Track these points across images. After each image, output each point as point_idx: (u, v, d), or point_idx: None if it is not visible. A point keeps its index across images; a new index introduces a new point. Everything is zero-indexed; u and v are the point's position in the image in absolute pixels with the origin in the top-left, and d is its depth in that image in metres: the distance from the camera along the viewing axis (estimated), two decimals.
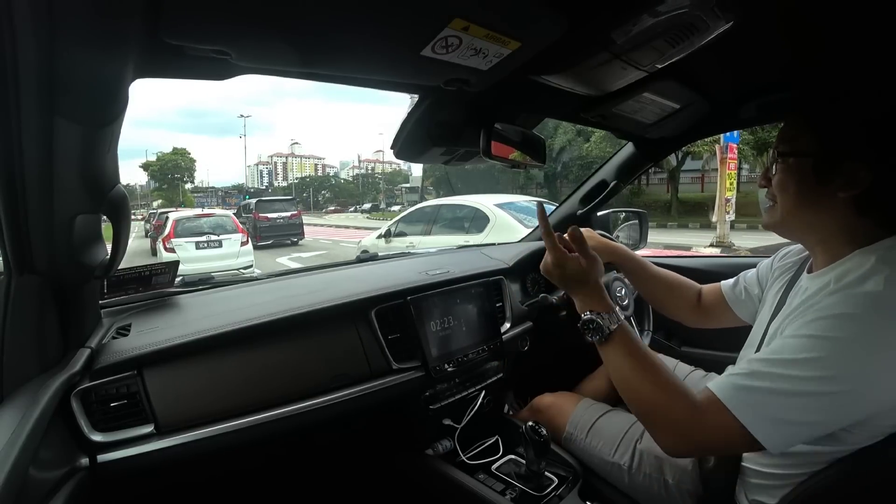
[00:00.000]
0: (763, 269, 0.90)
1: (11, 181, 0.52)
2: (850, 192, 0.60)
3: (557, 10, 0.58)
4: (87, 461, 0.65)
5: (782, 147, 0.68)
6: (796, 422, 0.54)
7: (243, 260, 7.27)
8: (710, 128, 1.26)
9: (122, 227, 0.65)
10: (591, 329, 0.71)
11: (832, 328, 0.54)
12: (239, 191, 51.05)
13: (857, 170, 0.59)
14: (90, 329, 0.76)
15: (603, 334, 0.70)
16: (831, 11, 0.67)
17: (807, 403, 0.53)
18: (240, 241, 7.43)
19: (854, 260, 0.62)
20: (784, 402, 0.54)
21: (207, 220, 7.80)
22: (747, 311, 0.93)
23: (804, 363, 0.54)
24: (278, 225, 12.46)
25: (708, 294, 1.02)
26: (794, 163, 0.65)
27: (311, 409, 0.83)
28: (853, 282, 0.58)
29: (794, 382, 0.54)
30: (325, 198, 52.95)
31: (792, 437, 0.56)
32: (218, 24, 0.51)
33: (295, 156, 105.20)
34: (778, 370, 0.55)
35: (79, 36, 0.43)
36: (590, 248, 0.77)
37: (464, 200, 4.89)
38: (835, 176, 0.61)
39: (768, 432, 0.55)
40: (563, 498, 0.95)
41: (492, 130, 0.93)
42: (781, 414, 0.54)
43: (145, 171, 45.39)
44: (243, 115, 69.46)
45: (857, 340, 0.53)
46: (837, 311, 0.55)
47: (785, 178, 0.67)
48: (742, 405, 0.56)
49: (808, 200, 0.65)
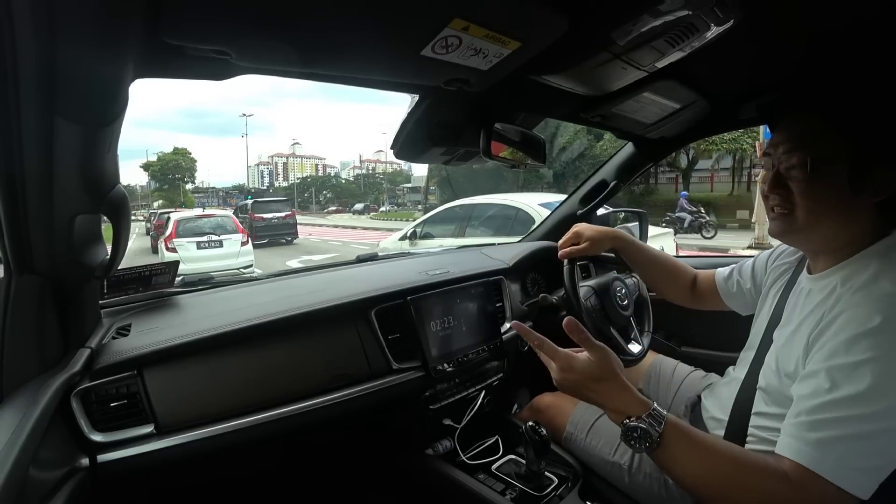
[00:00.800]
0: (759, 265, 0.90)
1: (11, 181, 0.52)
2: (881, 198, 0.59)
3: (557, 10, 0.58)
4: (87, 461, 0.65)
5: (807, 152, 0.62)
6: (882, 466, 0.52)
7: (244, 259, 7.38)
8: (710, 128, 1.27)
9: (122, 227, 0.65)
10: (637, 439, 0.58)
11: (871, 347, 0.53)
12: (240, 191, 50.90)
13: (888, 175, 0.58)
14: (90, 329, 0.76)
15: (653, 440, 0.57)
16: (831, 11, 0.67)
17: (884, 444, 0.51)
18: (240, 240, 7.55)
19: (859, 261, 0.61)
20: (863, 448, 0.51)
21: (208, 220, 7.95)
22: (738, 303, 0.95)
23: (863, 398, 0.52)
24: (273, 224, 13.10)
25: (703, 280, 1.04)
26: (826, 169, 0.61)
27: (311, 409, 0.83)
28: (866, 283, 0.58)
29: (861, 423, 0.51)
30: (327, 198, 52.76)
31: (880, 477, 0.52)
32: (218, 23, 0.51)
33: (296, 156, 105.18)
34: (842, 413, 0.52)
35: (79, 36, 0.43)
36: (592, 338, 0.64)
37: (503, 200, 4.44)
38: (868, 182, 0.59)
39: (861, 482, 0.51)
40: (563, 498, 0.95)
41: (492, 130, 0.94)
42: (863, 462, 0.51)
43: (146, 171, 45.31)
44: (245, 114, 68.66)
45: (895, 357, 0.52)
46: (870, 325, 0.53)
47: (814, 186, 0.62)
48: (832, 467, 0.51)
49: (839, 208, 0.62)
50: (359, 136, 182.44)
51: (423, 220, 5.09)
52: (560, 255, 1.10)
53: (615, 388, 0.62)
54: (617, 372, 0.62)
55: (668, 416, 0.59)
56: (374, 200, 45.57)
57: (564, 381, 0.64)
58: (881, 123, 0.60)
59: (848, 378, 0.53)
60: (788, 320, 0.70)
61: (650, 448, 0.58)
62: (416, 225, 4.98)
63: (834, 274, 0.64)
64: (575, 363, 0.63)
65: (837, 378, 0.54)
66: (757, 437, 0.69)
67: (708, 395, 0.93)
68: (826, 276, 0.65)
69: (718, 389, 0.89)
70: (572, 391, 0.65)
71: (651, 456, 0.60)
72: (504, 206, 4.29)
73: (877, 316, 0.54)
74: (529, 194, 4.61)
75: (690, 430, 0.60)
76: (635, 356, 1.06)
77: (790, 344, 0.65)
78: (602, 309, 1.09)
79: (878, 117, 0.61)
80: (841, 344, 0.55)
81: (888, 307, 0.54)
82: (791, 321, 0.69)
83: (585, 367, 0.63)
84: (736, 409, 0.75)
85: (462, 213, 4.74)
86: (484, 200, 4.73)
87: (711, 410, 0.86)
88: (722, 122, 1.23)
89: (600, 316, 1.08)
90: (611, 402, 0.62)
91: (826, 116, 0.63)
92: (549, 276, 1.40)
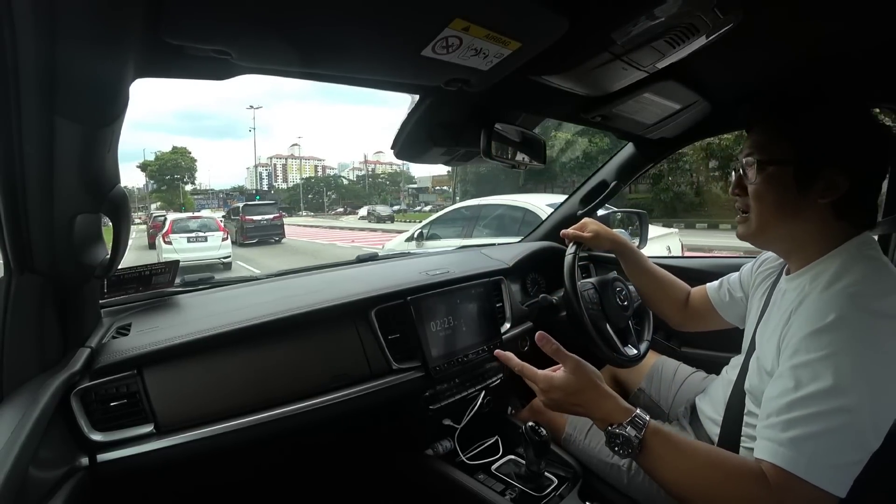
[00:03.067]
0: (745, 273, 0.91)
1: (12, 181, 0.52)
2: (829, 199, 0.61)
3: (557, 11, 0.58)
4: (87, 461, 0.65)
5: (759, 155, 0.66)
6: (853, 462, 0.52)
7: (223, 251, 9.22)
8: (710, 128, 1.27)
9: (123, 226, 0.65)
10: (620, 444, 0.59)
11: (828, 343, 0.54)
12: (241, 192, 50.66)
13: (836, 175, 0.60)
14: (90, 329, 0.76)
15: (633, 446, 0.58)
16: (831, 11, 0.67)
17: (852, 439, 0.52)
18: (220, 237, 9.43)
19: (827, 261, 0.63)
20: (833, 444, 0.52)
21: (196, 220, 9.96)
22: (732, 313, 0.95)
23: (826, 394, 0.52)
24: (262, 226, 14.48)
25: (696, 296, 1.04)
26: (774, 171, 0.65)
27: (311, 409, 0.83)
28: (828, 282, 0.59)
29: (828, 419, 0.52)
30: (332, 199, 52.35)
31: (854, 473, 0.52)
32: (218, 23, 0.51)
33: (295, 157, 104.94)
34: (809, 410, 0.53)
35: (79, 35, 0.43)
36: (563, 350, 0.66)
37: (510, 200, 4.31)
38: (815, 183, 0.61)
39: (836, 479, 0.51)
40: (562, 498, 0.95)
41: (492, 130, 0.94)
42: (835, 459, 0.52)
43: (143, 171, 43.12)
44: (252, 107, 65.24)
45: (858, 353, 0.53)
46: (824, 322, 0.55)
47: (763, 187, 0.66)
48: (806, 465, 0.52)
49: (787, 209, 0.65)
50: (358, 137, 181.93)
51: (429, 221, 4.98)
52: (562, 234, 1.11)
53: (596, 398, 0.63)
54: (594, 381, 0.63)
55: (651, 421, 0.60)
56: (383, 201, 44.90)
57: (548, 401, 0.66)
58: (821, 124, 0.63)
59: (810, 375, 0.54)
60: (767, 321, 0.72)
61: (632, 453, 0.59)
62: (423, 226, 4.87)
63: (804, 274, 0.66)
64: (553, 381, 0.64)
65: (800, 376, 0.55)
66: (749, 438, 0.70)
67: (703, 396, 0.94)
68: (797, 276, 0.67)
69: (713, 391, 0.90)
70: (558, 408, 0.66)
71: (636, 461, 0.60)
72: (511, 207, 4.20)
73: (831, 313, 0.55)
74: (538, 195, 4.50)
75: (672, 436, 0.60)
76: (629, 357, 1.06)
77: (768, 345, 0.66)
78: (600, 304, 1.09)
79: (818, 118, 0.63)
80: (801, 342, 0.57)
81: (842, 304, 0.55)
82: (769, 322, 0.70)
83: (563, 382, 0.64)
84: (729, 411, 0.76)
85: (469, 214, 4.63)
86: (491, 201, 4.65)
87: (708, 412, 0.86)
88: (723, 123, 1.23)
89: (598, 311, 1.08)
90: (594, 411, 0.63)
91: (780, 124, 0.66)
92: (549, 276, 1.40)
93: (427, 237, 4.71)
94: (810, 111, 0.64)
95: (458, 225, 4.67)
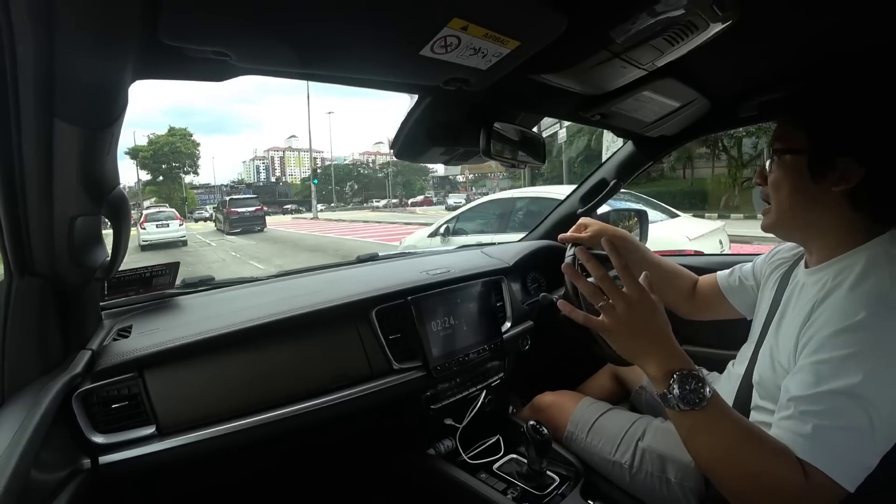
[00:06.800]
0: (759, 263, 0.91)
1: (11, 183, 0.52)
2: (843, 187, 0.61)
3: (556, 10, 0.58)
4: (89, 463, 0.65)
5: (777, 145, 0.68)
6: (868, 459, 0.52)
7: (180, 233, 13.32)
8: (710, 126, 1.26)
9: (123, 228, 0.65)
10: (692, 390, 0.56)
11: (855, 342, 0.54)
12: (248, 186, 49.81)
13: (850, 164, 0.60)
14: (91, 331, 0.76)
15: (703, 398, 0.55)
16: (830, 11, 0.66)
17: (869, 438, 0.52)
18: (178, 224, 13.52)
19: (852, 257, 0.62)
20: (851, 441, 0.52)
21: (162, 212, 14.16)
22: (742, 300, 0.94)
23: (847, 392, 0.52)
24: (246, 217, 17.02)
25: (703, 284, 1.04)
26: (789, 160, 0.66)
27: (313, 410, 0.83)
28: (855, 279, 0.58)
29: (847, 416, 0.52)
30: (354, 189, 48.89)
31: (867, 469, 0.52)
32: (217, 25, 0.51)
33: (292, 150, 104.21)
34: (829, 405, 0.53)
35: (78, 38, 0.43)
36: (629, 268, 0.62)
37: (545, 192, 3.99)
38: (828, 171, 0.62)
39: (851, 474, 0.52)
40: (564, 497, 0.95)
41: (491, 130, 0.93)
42: (851, 455, 0.52)
43: (133, 158, 34.73)
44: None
45: (883, 353, 0.53)
46: (853, 320, 0.54)
47: (780, 176, 0.67)
48: (825, 457, 0.52)
49: (803, 198, 0.65)
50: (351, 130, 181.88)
51: (456, 214, 4.60)
52: (559, 238, 1.10)
53: (668, 330, 0.61)
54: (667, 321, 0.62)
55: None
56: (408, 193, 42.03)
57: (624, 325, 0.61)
58: (834, 113, 0.63)
59: (833, 372, 0.54)
60: (783, 314, 0.71)
61: (698, 403, 0.55)
62: (448, 220, 4.51)
63: (827, 269, 0.65)
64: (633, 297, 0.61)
65: (823, 372, 0.55)
66: None
67: None
68: (819, 270, 0.67)
69: (719, 386, 0.89)
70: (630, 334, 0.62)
71: (682, 417, 0.57)
72: (550, 200, 3.82)
73: (861, 311, 0.55)
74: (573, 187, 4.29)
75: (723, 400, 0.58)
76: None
77: (784, 337, 0.66)
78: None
79: (832, 108, 0.64)
80: (826, 338, 0.56)
81: (873, 303, 0.55)
82: (786, 315, 0.70)
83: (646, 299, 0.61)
84: (736, 405, 0.75)
85: (501, 208, 4.25)
86: (527, 193, 4.31)
87: None
88: (722, 120, 1.23)
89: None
90: (666, 343, 0.61)
91: (797, 114, 0.67)
92: (549, 275, 1.40)
93: (454, 232, 4.36)
94: (824, 101, 0.65)
95: (488, 219, 4.30)
